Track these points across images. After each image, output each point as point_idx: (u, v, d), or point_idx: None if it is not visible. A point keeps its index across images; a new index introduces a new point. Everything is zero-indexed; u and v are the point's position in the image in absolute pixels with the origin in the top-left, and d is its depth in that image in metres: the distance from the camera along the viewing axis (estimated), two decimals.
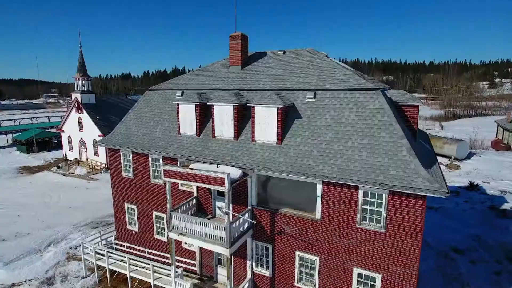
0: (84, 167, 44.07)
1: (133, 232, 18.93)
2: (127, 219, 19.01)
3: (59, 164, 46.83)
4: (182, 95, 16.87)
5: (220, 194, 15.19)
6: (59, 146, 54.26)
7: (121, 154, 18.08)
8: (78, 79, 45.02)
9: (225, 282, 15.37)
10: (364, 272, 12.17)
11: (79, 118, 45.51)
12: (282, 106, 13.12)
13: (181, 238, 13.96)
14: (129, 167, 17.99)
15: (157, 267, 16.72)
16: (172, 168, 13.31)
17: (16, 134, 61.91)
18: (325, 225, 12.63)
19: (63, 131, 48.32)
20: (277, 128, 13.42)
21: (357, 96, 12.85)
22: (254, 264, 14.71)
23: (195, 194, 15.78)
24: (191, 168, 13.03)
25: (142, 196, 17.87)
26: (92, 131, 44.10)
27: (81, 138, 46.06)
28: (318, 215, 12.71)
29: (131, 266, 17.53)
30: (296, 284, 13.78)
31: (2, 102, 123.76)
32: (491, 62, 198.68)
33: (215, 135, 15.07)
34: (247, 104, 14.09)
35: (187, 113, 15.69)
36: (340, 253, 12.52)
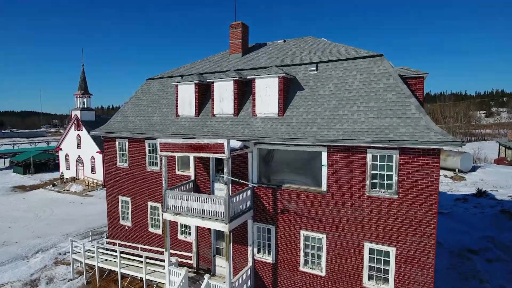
0: (80, 185, 42.99)
1: (126, 227, 17.78)
2: (120, 214, 17.94)
3: (55, 182, 45.74)
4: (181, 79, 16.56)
5: (220, 172, 14.38)
6: (56, 168, 53.43)
7: (116, 143, 17.44)
8: (79, 97, 45.24)
9: (223, 275, 14.15)
10: (376, 247, 11.09)
11: (78, 136, 45.15)
12: (283, 74, 12.74)
13: (176, 219, 12.95)
14: (125, 156, 17.26)
15: (150, 258, 15.49)
16: (169, 141, 12.65)
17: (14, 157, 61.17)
18: (332, 197, 11.74)
19: (60, 149, 47.75)
20: (278, 99, 12.94)
21: (360, 63, 12.51)
22: (255, 250, 13.55)
23: (192, 178, 14.94)
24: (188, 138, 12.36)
25: (137, 187, 16.98)
26: (90, 148, 43.56)
27: (79, 156, 45.38)
28: (324, 187, 11.86)
29: (122, 263, 16.23)
30: (301, 268, 12.58)
31: (3, 131, 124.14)
32: (486, 93, 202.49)
33: (215, 113, 14.55)
34: (248, 77, 13.71)
35: (186, 94, 15.28)
36: (349, 228, 11.52)
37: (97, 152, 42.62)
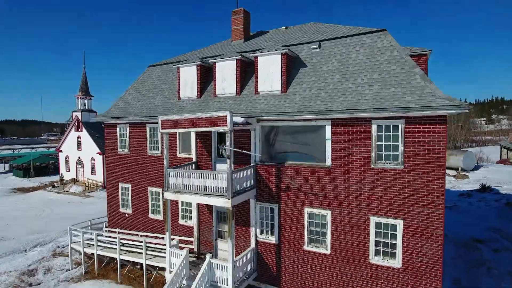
0: (80, 186, 42.69)
1: (126, 215, 17.47)
2: (120, 201, 17.64)
3: (55, 184, 45.44)
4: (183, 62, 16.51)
5: (222, 155, 14.17)
6: (56, 172, 53.16)
7: (117, 128, 17.28)
8: (80, 98, 45.31)
9: (225, 258, 13.81)
10: (383, 220, 10.80)
11: (78, 137, 45.03)
12: (286, 51, 12.66)
13: (177, 197, 12.69)
14: (125, 142, 17.08)
15: (150, 242, 15.19)
16: (170, 117, 12.49)
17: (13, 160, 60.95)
18: (336, 171, 11.51)
19: (61, 151, 47.56)
20: (281, 76, 12.83)
21: (363, 39, 12.44)
22: (258, 231, 13.23)
23: (194, 160, 14.72)
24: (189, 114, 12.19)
25: (137, 172, 16.74)
26: (90, 149, 43.40)
27: (79, 157, 45.17)
28: (328, 161, 11.64)
29: (121, 249, 15.89)
30: (305, 247, 12.25)
31: (3, 138, 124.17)
32: (486, 101, 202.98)
33: (217, 93, 14.43)
34: (250, 55, 13.62)
35: (188, 76, 15.20)
36: (354, 202, 11.25)
37: (97, 153, 42.45)
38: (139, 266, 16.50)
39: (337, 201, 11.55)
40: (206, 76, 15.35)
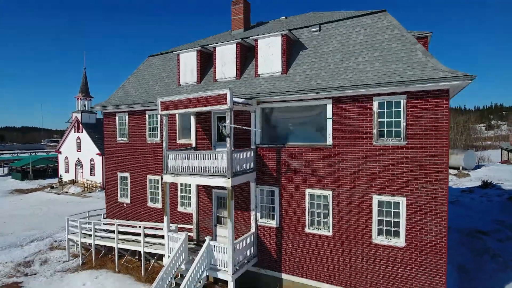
0: (78, 187, 42.39)
1: (125, 204, 17.24)
2: (118, 191, 17.43)
3: (53, 185, 45.16)
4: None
5: (221, 140, 14.01)
6: (55, 175, 52.84)
7: (116, 117, 17.16)
8: (80, 99, 45.30)
9: (225, 242, 13.54)
10: (386, 199, 10.61)
11: (78, 138, 44.89)
12: (286, 32, 12.62)
13: (176, 179, 12.51)
14: (124, 131, 16.95)
15: (148, 228, 14.96)
16: (169, 98, 12.39)
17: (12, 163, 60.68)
18: (338, 151, 11.35)
19: (60, 152, 47.38)
20: (281, 58, 12.77)
21: (364, 20, 12.42)
22: (258, 215, 13.01)
23: (193, 145, 14.56)
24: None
25: (136, 161, 16.56)
26: (90, 150, 43.21)
27: (78, 158, 44.97)
28: (329, 140, 11.49)
29: (119, 239, 15.62)
30: (307, 230, 12.02)
31: (3, 144, 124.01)
32: (486, 107, 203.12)
33: (217, 78, 14.36)
34: (251, 37, 13.58)
35: (188, 62, 15.15)
36: (356, 181, 11.07)
37: (96, 154, 42.25)
38: (137, 257, 16.21)
39: (338, 181, 11.36)
40: (206, 62, 15.30)
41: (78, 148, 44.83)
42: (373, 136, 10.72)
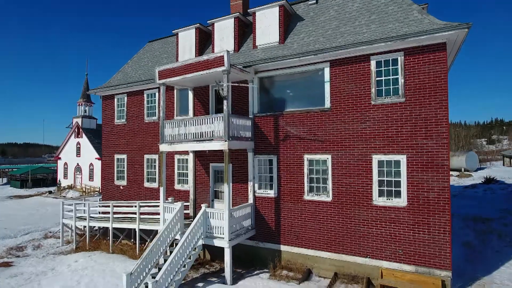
0: (77, 191, 41.98)
1: (121, 187, 16.94)
2: (115, 173, 17.17)
3: (52, 190, 44.75)
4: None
5: (219, 110, 13.90)
6: (54, 184, 52.42)
7: (115, 99, 17.14)
8: (81, 104, 45.57)
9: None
10: (386, 158, 10.37)
11: (78, 143, 44.86)
12: (283, 2, 12.76)
13: (173, 148, 12.34)
14: (123, 112, 16.88)
15: (145, 206, 14.65)
16: (167, 66, 12.40)
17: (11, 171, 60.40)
18: (336, 113, 11.21)
19: (59, 158, 47.21)
20: (279, 27, 12.86)
21: None
22: (256, 186, 12.72)
23: None
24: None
25: (134, 141, 16.41)
26: (89, 155, 43.07)
27: (77, 164, 44.77)
28: (327, 103, 11.38)
29: (114, 217, 15.26)
30: (306, 197, 11.71)
31: (4, 157, 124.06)
32: (486, 123, 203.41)
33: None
34: (248, 10, 13.75)
35: (187, 40, 15.27)
36: (355, 143, 10.86)
37: (96, 159, 42.03)
38: (132, 240, 15.80)
39: (337, 143, 11.17)
40: (205, 40, 15.42)
41: (78, 153, 44.71)
42: (371, 95, 10.61)
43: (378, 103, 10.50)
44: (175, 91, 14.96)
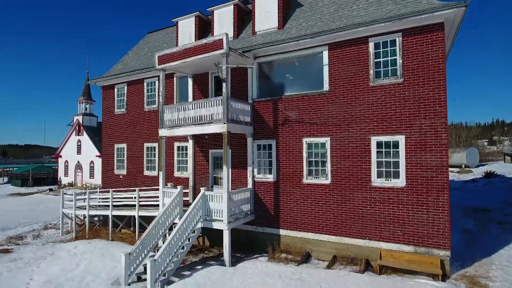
0: (77, 189, 41.99)
1: (121, 176, 16.97)
2: (115, 163, 17.21)
3: (52, 188, 44.79)
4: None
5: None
6: (55, 182, 52.44)
7: (115, 89, 17.21)
8: (82, 102, 45.71)
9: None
10: (384, 139, 10.38)
11: (78, 141, 44.97)
12: None
13: (172, 132, 12.38)
14: (123, 102, 16.95)
15: (144, 190, 14.67)
16: (166, 51, 12.47)
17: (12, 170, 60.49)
18: (334, 95, 11.24)
19: (60, 156, 47.31)
20: (278, 13, 12.93)
21: None
22: (255, 171, 12.73)
23: None
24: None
25: (134, 130, 16.45)
26: (90, 152, 43.14)
27: (78, 161, 44.86)
28: (326, 86, 11.41)
29: (114, 205, 15.29)
30: (305, 181, 11.71)
31: (5, 158, 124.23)
32: (487, 124, 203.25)
33: None
34: None
35: (186, 28, 15.34)
36: (354, 125, 10.88)
37: (96, 156, 42.06)
38: (132, 229, 15.81)
39: (336, 126, 11.19)
40: (204, 29, 15.49)
41: (79, 151, 44.80)
42: (369, 77, 10.65)
43: (376, 84, 10.53)
44: (174, 79, 15.03)
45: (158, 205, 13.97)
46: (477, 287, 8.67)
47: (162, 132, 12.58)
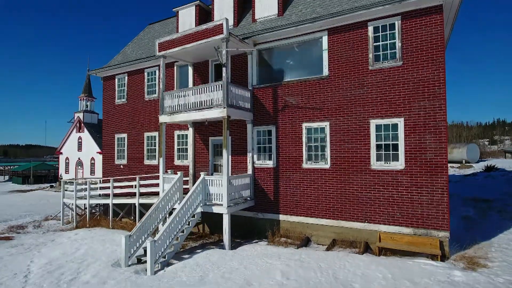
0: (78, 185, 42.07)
1: (121, 166, 17.03)
2: (115, 153, 17.28)
3: (53, 184, 44.91)
4: None
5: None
6: (55, 180, 52.56)
7: (116, 80, 17.28)
8: (83, 99, 45.80)
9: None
10: (383, 122, 10.42)
11: (79, 138, 45.00)
12: None
13: (172, 118, 12.44)
14: (123, 92, 17.01)
15: (144, 178, 14.72)
16: (166, 38, 12.54)
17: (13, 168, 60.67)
18: (334, 80, 11.28)
19: (61, 153, 47.38)
20: (278, 0, 12.98)
21: None
22: (255, 157, 12.78)
23: None
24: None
25: (134, 120, 16.52)
26: (91, 149, 43.17)
27: (79, 158, 44.88)
28: (325, 71, 11.45)
29: (115, 193, 15.35)
30: (304, 165, 11.75)
31: (6, 158, 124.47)
32: (488, 124, 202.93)
33: None
34: None
35: (186, 18, 15.40)
36: (353, 108, 10.92)
37: (97, 153, 42.12)
38: (132, 218, 15.86)
39: (335, 110, 11.23)
40: (205, 18, 15.54)
41: (79, 147, 44.84)
42: (369, 61, 10.69)
43: (375, 68, 10.57)
44: (175, 68, 15.09)
45: (158, 194, 14.01)
46: (476, 266, 8.69)
47: (163, 119, 12.64)
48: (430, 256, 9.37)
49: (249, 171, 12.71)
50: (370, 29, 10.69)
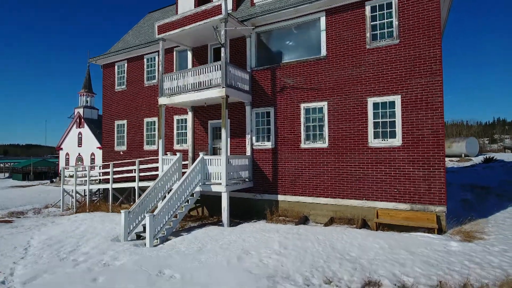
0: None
1: (121, 153, 17.11)
2: (115, 139, 17.37)
3: (53, 180, 44.98)
4: None
5: None
6: (56, 177, 52.63)
7: (115, 67, 17.38)
8: (83, 95, 45.92)
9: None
10: (381, 99, 10.50)
11: (79, 133, 45.14)
12: None
13: (171, 100, 12.53)
14: (123, 79, 17.10)
15: (144, 162, 14.81)
16: (166, 21, 12.63)
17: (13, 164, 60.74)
18: (332, 60, 11.37)
19: (61, 149, 47.49)
20: None
21: None
22: (254, 139, 12.86)
23: None
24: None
25: (134, 106, 16.61)
26: (91, 144, 43.28)
27: (79, 154, 45.00)
28: (323, 51, 11.54)
29: (114, 178, 15.43)
30: (302, 145, 11.83)
31: (6, 157, 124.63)
32: (488, 123, 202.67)
33: None
34: None
35: (186, 4, 15.48)
36: (351, 87, 11.00)
37: (97, 148, 42.22)
38: (131, 203, 15.93)
39: (333, 90, 11.31)
40: (203, 3, 15.61)
41: (80, 143, 44.96)
42: (366, 40, 10.78)
43: (373, 47, 10.66)
44: (174, 53, 15.19)
45: (158, 175, 14.08)
46: (472, 239, 8.76)
47: (162, 101, 12.72)
48: (427, 230, 9.44)
49: (248, 153, 12.79)
50: (368, 8, 10.78)
